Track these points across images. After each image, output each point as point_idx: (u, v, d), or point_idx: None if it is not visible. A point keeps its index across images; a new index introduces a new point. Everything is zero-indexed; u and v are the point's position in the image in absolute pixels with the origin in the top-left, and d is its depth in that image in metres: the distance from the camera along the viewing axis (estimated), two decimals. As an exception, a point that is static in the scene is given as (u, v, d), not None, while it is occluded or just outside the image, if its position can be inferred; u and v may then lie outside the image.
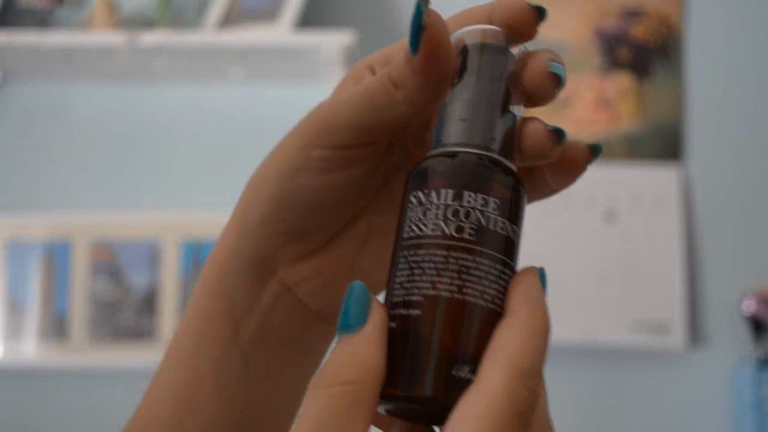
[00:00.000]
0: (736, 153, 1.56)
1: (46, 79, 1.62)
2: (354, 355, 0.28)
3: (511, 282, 0.29)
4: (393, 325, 0.29)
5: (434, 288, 0.28)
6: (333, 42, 1.41)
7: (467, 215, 0.29)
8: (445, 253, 0.29)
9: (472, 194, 0.29)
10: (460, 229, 0.29)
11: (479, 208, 0.29)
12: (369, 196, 0.36)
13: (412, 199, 0.30)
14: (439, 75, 0.31)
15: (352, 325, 0.28)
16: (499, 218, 0.29)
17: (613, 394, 1.52)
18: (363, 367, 0.27)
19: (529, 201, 0.35)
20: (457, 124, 0.31)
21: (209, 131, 1.60)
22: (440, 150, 0.31)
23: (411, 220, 0.30)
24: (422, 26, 0.30)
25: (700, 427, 1.51)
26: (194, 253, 1.56)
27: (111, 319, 1.55)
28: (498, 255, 0.29)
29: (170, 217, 1.57)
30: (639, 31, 1.59)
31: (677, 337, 1.49)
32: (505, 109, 0.31)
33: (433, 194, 0.30)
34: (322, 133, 0.33)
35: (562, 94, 1.64)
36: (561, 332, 1.50)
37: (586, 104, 1.58)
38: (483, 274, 0.29)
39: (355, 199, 0.35)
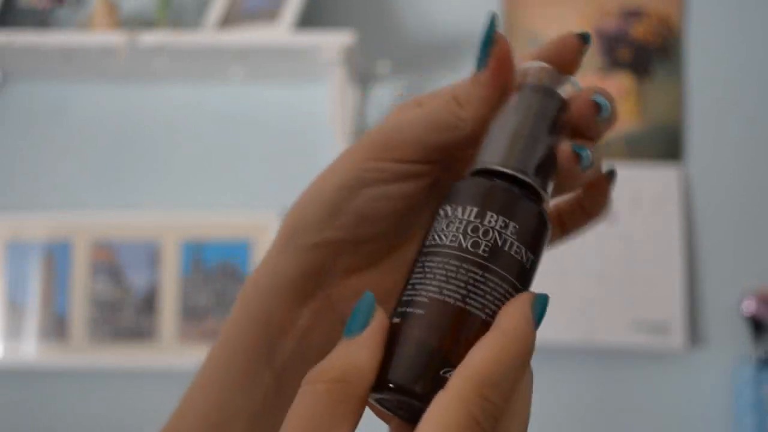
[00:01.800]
0: (736, 153, 1.56)
1: (46, 79, 1.62)
2: (347, 357, 0.29)
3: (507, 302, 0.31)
4: (397, 320, 0.31)
5: (441, 293, 0.30)
6: (333, 42, 1.41)
7: (485, 233, 0.31)
8: (457, 263, 0.31)
9: (494, 215, 0.31)
10: (476, 245, 0.31)
11: (498, 229, 0.31)
12: (426, 214, 0.37)
13: (441, 212, 0.32)
14: (503, 87, 0.33)
15: (353, 330, 0.29)
16: (516, 242, 0.31)
17: (613, 394, 1.52)
18: (352, 368, 0.28)
19: (572, 234, 0.38)
20: (499, 148, 0.33)
21: (209, 131, 1.60)
22: (478, 168, 0.33)
23: (435, 230, 0.32)
24: (493, 41, 0.33)
25: (700, 427, 1.51)
26: (194, 253, 1.56)
27: (111, 319, 1.55)
28: (508, 276, 0.31)
29: (170, 217, 1.57)
30: (639, 31, 1.59)
31: (677, 337, 1.48)
32: (548, 142, 0.33)
33: (459, 209, 0.32)
34: (383, 148, 0.34)
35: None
36: (561, 332, 1.50)
37: (586, 104, 1.58)
38: (489, 290, 0.30)
39: (412, 213, 0.36)
